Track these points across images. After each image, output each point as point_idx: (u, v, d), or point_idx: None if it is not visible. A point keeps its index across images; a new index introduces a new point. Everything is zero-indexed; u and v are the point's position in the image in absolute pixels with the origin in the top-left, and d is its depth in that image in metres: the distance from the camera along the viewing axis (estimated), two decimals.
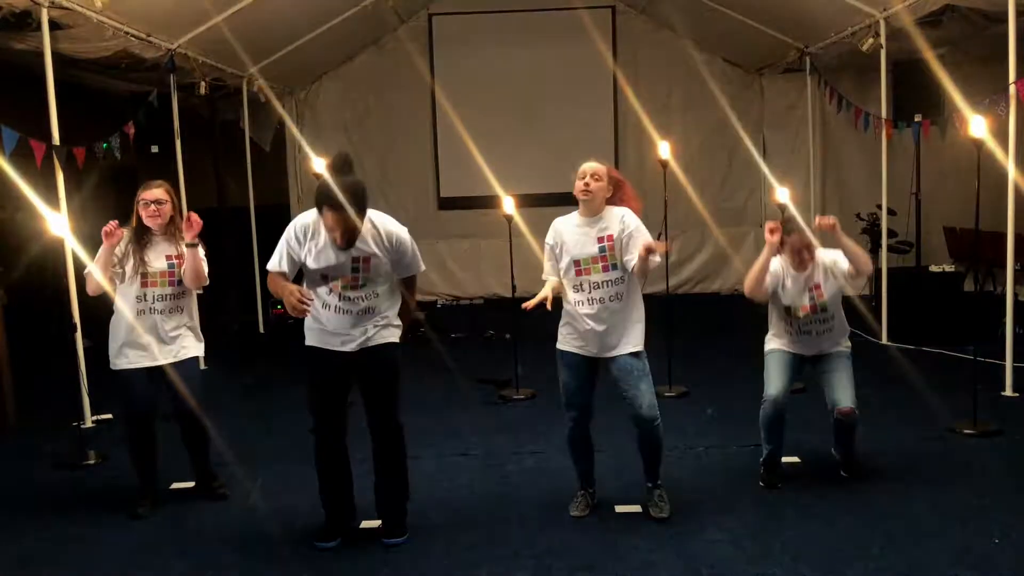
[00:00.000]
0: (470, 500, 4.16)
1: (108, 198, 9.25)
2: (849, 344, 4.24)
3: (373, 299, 3.58)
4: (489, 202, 9.00)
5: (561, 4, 10.01)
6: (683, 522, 3.79)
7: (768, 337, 4.28)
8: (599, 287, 3.71)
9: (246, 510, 4.11)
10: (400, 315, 3.71)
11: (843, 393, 4.04)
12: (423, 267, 3.74)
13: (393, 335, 3.66)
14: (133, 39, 6.26)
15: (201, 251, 4.09)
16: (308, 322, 3.61)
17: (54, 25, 5.36)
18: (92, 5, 5.41)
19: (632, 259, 3.65)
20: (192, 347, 4.15)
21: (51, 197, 5.32)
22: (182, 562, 3.57)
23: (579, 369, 3.80)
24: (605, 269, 3.72)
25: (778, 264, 4.14)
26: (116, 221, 3.99)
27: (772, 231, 4.04)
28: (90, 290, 4.03)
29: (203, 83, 7.56)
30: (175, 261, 4.06)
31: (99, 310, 6.37)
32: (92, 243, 4.18)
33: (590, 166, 3.82)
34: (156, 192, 4.07)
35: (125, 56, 6.42)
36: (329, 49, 9.66)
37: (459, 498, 4.18)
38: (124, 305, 4.03)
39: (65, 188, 5.40)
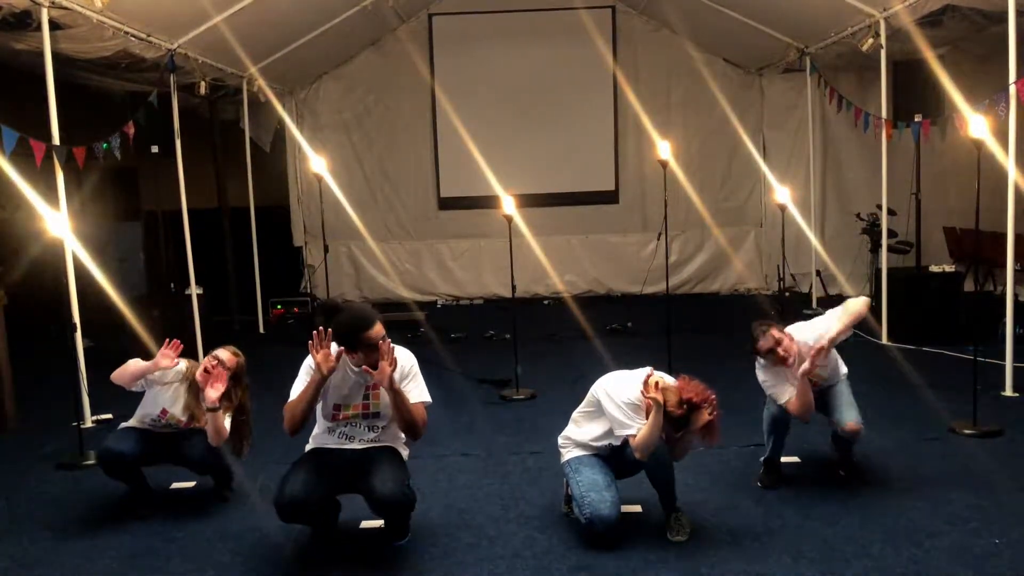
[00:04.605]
0: (470, 500, 4.16)
1: (108, 198, 9.27)
2: (846, 370, 4.25)
3: (379, 432, 3.59)
4: (489, 202, 9.01)
5: (561, 4, 10.02)
6: None
7: None
8: None
9: (246, 510, 4.11)
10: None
11: (849, 411, 4.04)
12: (429, 398, 3.61)
13: (402, 451, 3.66)
14: (133, 39, 6.26)
15: (222, 416, 4.02)
16: (312, 438, 3.68)
17: (54, 25, 5.36)
18: (92, 5, 5.42)
19: None
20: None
21: (51, 197, 5.33)
22: (182, 562, 3.57)
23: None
24: None
25: (771, 374, 4.09)
26: (179, 345, 4.04)
27: None
28: (118, 378, 4.05)
29: (203, 83, 7.57)
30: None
31: (99, 311, 6.40)
32: (92, 244, 4.18)
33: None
34: (225, 354, 4.09)
35: (125, 56, 6.42)
36: (329, 49, 9.66)
37: (459, 498, 4.18)
38: (146, 405, 4.12)
39: (65, 188, 5.39)
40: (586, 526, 3.58)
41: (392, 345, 3.44)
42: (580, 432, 3.82)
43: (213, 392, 3.94)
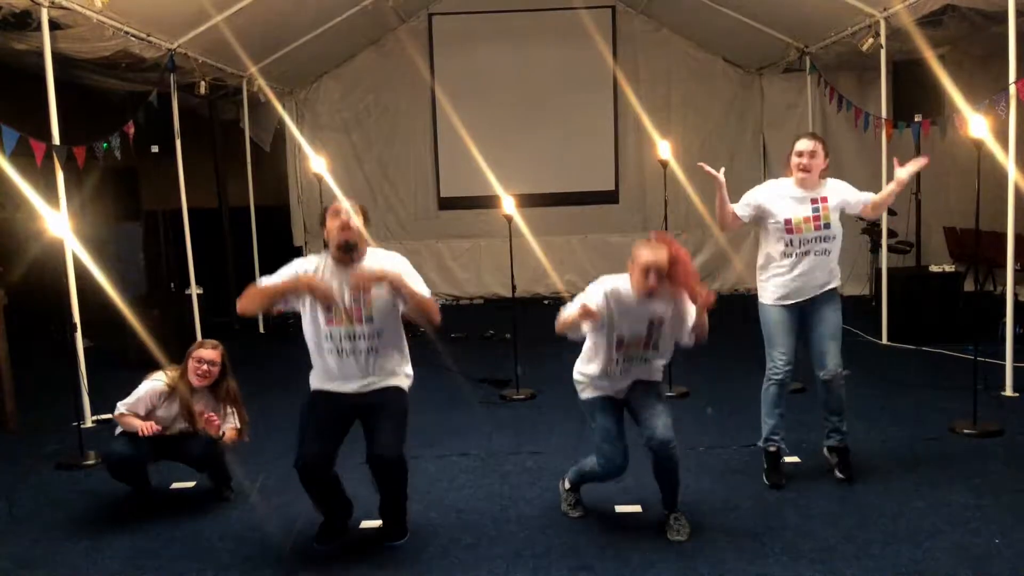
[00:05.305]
0: (470, 500, 4.16)
1: (108, 198, 9.26)
2: (839, 280, 4.21)
3: (376, 340, 3.56)
4: (489, 202, 9.01)
5: (561, 4, 10.02)
6: None
7: (761, 282, 4.23)
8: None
9: (246, 510, 4.11)
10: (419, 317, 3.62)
11: (831, 357, 4.06)
12: (428, 291, 3.63)
13: (403, 382, 3.64)
14: (133, 39, 6.26)
15: (230, 430, 4.12)
16: (313, 371, 3.65)
17: (54, 25, 5.37)
18: (92, 5, 5.42)
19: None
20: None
21: (51, 197, 5.32)
22: (182, 562, 3.57)
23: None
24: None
25: (772, 188, 4.19)
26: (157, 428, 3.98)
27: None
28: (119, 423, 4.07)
29: (203, 83, 7.57)
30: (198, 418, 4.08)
31: (99, 311, 6.40)
32: (91, 244, 4.18)
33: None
34: (210, 353, 4.09)
35: (125, 56, 6.42)
36: (329, 49, 9.66)
37: (459, 498, 4.18)
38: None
39: (65, 188, 5.39)
40: (599, 471, 3.71)
41: (380, 252, 3.59)
42: (591, 367, 3.75)
43: (214, 431, 4.03)
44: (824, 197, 4.10)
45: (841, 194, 4.15)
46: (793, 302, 4.12)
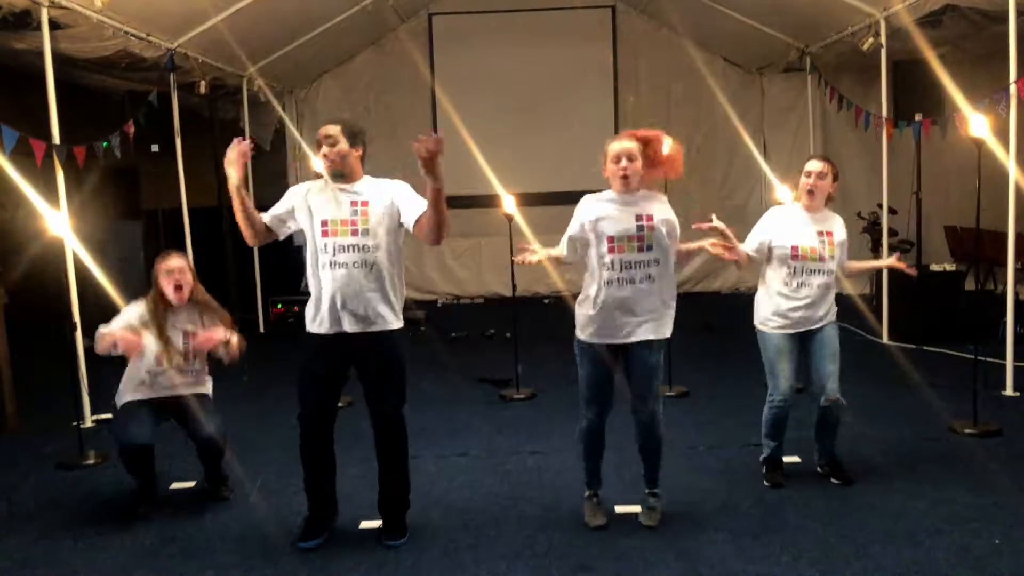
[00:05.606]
0: (470, 500, 4.15)
1: (108, 198, 9.26)
2: (835, 310, 4.19)
3: (370, 254, 3.55)
4: (490, 201, 9.00)
5: (561, 4, 10.03)
6: (683, 522, 3.78)
7: (761, 315, 4.19)
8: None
9: (246, 510, 4.11)
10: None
11: (832, 378, 4.03)
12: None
13: (395, 322, 3.62)
14: (133, 39, 6.26)
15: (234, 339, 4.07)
16: (310, 302, 3.62)
17: (54, 25, 5.37)
18: (92, 5, 5.42)
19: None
20: (206, 385, 4.20)
21: (51, 197, 5.32)
22: (182, 562, 3.57)
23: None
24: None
25: (778, 218, 4.25)
26: (140, 346, 3.93)
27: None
28: (99, 350, 3.95)
29: (203, 83, 7.57)
30: (190, 340, 4.05)
31: (99, 311, 6.39)
32: (92, 243, 4.17)
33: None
34: (177, 261, 4.06)
35: (125, 56, 6.42)
36: (329, 49, 9.67)
37: (459, 498, 4.18)
38: (138, 365, 4.05)
39: (65, 188, 5.39)
40: (584, 425, 3.76)
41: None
42: (591, 288, 3.68)
43: (209, 344, 4.00)
44: (830, 232, 4.11)
45: (843, 234, 4.18)
46: (792, 332, 4.09)
